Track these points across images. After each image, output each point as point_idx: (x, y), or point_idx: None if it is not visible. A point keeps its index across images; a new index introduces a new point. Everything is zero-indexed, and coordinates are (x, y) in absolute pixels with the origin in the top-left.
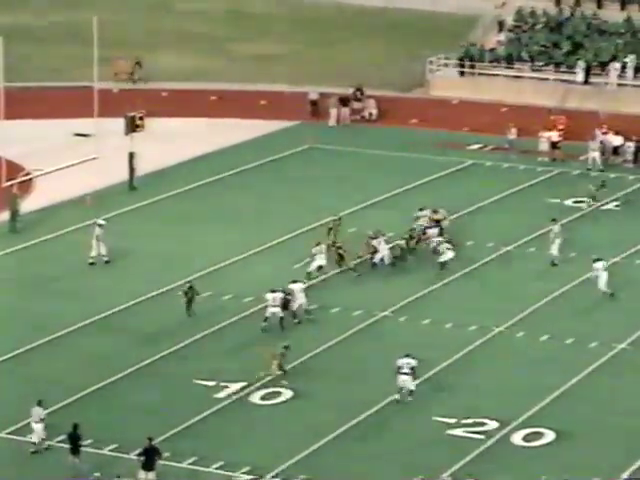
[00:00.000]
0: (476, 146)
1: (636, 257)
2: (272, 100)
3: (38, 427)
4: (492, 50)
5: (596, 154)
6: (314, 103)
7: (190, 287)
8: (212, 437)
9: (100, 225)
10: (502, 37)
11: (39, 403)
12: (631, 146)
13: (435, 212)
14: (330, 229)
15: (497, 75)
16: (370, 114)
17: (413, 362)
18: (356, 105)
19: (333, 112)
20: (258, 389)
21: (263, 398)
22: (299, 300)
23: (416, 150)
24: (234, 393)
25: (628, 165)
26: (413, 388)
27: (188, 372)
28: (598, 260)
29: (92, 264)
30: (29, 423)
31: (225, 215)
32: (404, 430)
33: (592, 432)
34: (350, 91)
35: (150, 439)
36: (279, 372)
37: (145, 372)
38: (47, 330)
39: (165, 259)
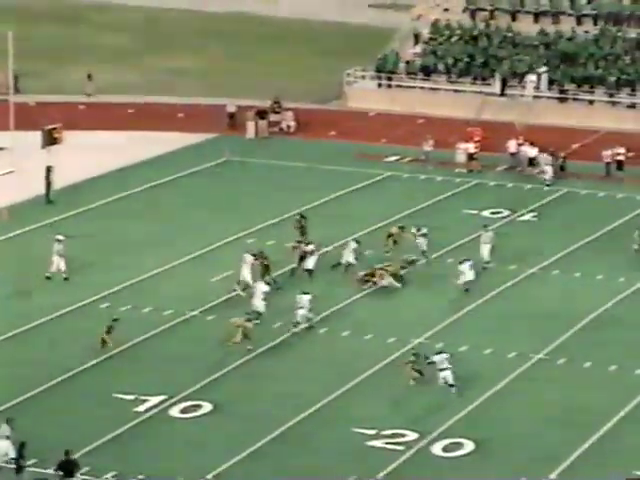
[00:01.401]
0: (393, 158)
1: (553, 267)
2: (190, 113)
3: (3, 444)
4: (408, 62)
5: (549, 168)
6: (232, 116)
7: (115, 319)
8: (132, 451)
9: (59, 240)
10: (418, 49)
11: (7, 421)
12: (549, 158)
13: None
14: (300, 227)
15: (414, 87)
16: (288, 126)
17: (446, 355)
18: (274, 117)
19: (250, 125)
20: (178, 402)
21: (183, 411)
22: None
23: (334, 162)
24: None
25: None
26: (452, 382)
27: (107, 386)
28: (465, 260)
29: (48, 278)
30: None
31: (143, 228)
32: (324, 442)
33: (511, 441)
34: (268, 103)
35: (67, 452)
36: (418, 375)
37: (64, 385)
38: None
39: (83, 273)
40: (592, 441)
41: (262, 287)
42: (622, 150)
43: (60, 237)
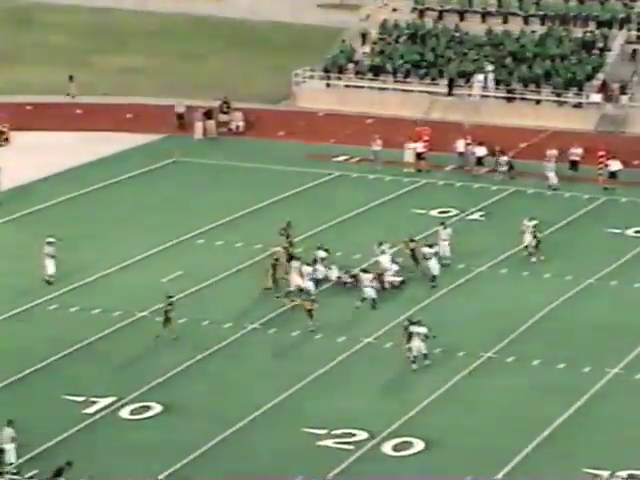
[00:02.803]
0: (342, 158)
1: (501, 266)
2: (138, 113)
3: (10, 447)
4: (357, 62)
5: (552, 174)
6: (181, 116)
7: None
8: (81, 453)
9: (50, 243)
10: (367, 49)
11: (9, 423)
12: (505, 159)
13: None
14: (285, 234)
15: (362, 87)
16: (237, 127)
17: (424, 329)
18: (223, 118)
19: (199, 125)
20: (127, 404)
21: (132, 413)
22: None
23: (283, 162)
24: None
25: (499, 177)
26: (426, 352)
27: (57, 387)
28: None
29: (49, 283)
30: None
31: (93, 229)
32: (274, 442)
33: (461, 441)
34: (217, 104)
35: (69, 463)
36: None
37: (13, 387)
38: None
39: (32, 275)
40: (541, 440)
41: (305, 268)
42: (578, 150)
43: (51, 239)
